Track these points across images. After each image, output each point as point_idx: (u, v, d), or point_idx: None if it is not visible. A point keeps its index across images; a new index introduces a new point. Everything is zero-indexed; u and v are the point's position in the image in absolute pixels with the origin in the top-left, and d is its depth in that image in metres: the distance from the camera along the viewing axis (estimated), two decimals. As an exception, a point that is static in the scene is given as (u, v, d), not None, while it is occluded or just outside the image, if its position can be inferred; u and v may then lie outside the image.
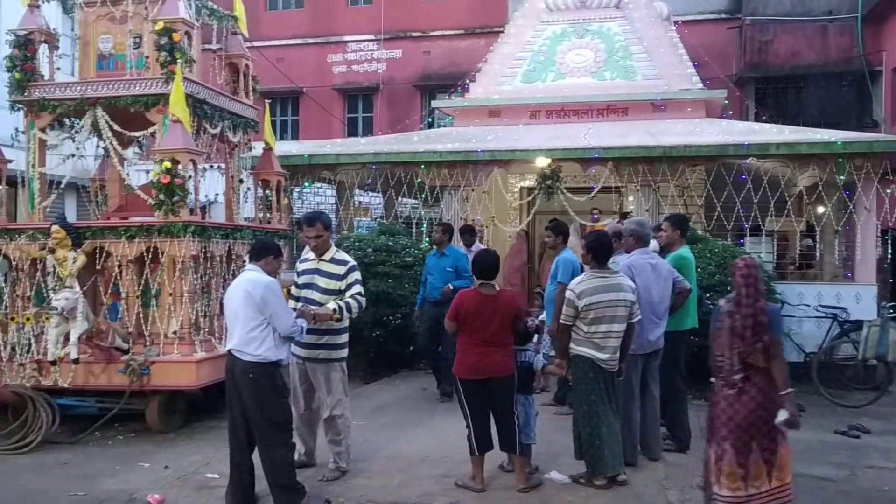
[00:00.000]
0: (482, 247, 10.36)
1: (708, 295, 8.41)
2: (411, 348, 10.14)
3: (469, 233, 10.07)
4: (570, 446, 5.76)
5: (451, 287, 8.22)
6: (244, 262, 6.36)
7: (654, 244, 6.71)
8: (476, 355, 5.38)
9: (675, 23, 14.95)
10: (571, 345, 5.60)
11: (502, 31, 15.33)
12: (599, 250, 5.68)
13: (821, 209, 10.96)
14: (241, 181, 9.12)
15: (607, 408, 5.57)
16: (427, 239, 11.66)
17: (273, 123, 10.70)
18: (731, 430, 4.25)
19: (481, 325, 5.37)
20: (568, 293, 5.58)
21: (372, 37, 21.82)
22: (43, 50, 8.06)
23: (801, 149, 10.31)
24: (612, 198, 13.10)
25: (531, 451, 5.71)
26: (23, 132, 8.10)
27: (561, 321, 5.66)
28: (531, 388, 5.85)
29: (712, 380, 4.47)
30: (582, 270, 6.67)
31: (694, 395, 7.32)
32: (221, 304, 6.67)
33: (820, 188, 10.48)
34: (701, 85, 13.36)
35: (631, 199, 12.80)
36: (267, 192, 9.16)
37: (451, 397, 8.09)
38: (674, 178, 10.74)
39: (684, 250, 6.73)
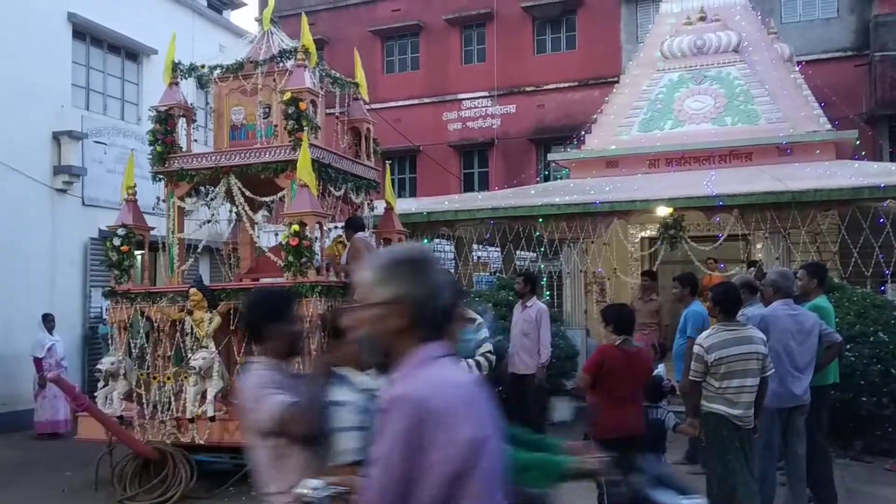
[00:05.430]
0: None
1: (849, 346, 7.92)
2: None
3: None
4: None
5: None
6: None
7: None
8: (622, 415, 5.19)
9: (799, 63, 14.52)
10: (703, 401, 5.37)
11: (616, 82, 15.30)
12: (727, 302, 5.47)
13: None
14: (363, 240, 9.36)
15: (744, 467, 5.29)
16: (547, 293, 11.57)
17: (391, 182, 10.98)
18: None
19: (621, 383, 5.21)
20: (696, 348, 5.38)
21: (485, 93, 22.11)
22: (181, 123, 8.56)
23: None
24: (738, 246, 12.67)
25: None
26: (163, 200, 8.55)
27: (690, 377, 5.46)
28: (664, 447, 5.65)
29: None
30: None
31: (837, 454, 6.87)
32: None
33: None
34: (829, 126, 12.85)
35: (759, 246, 12.33)
36: (388, 250, 9.34)
37: None
38: (805, 224, 10.29)
39: (821, 300, 6.40)
